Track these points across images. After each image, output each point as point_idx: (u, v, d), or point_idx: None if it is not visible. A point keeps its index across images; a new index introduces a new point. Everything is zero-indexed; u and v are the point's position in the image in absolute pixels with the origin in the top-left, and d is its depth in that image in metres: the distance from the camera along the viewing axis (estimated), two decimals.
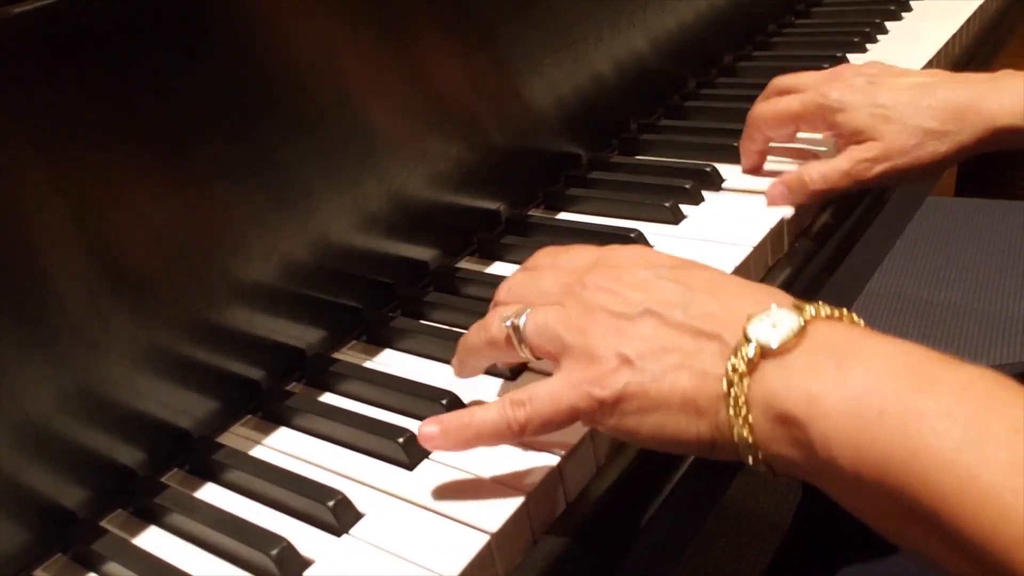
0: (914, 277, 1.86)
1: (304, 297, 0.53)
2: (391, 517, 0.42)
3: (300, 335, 0.54)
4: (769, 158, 0.68)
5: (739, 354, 0.36)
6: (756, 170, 0.67)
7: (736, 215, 0.62)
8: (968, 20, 0.92)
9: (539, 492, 0.42)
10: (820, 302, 0.38)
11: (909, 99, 0.59)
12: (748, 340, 0.36)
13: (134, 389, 0.46)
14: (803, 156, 0.68)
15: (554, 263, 0.46)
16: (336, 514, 0.42)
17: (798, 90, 0.64)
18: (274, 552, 0.40)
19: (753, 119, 0.66)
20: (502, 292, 0.46)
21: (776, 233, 0.60)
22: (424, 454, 0.45)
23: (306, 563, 0.40)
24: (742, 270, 0.56)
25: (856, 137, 0.60)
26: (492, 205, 0.66)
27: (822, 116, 0.62)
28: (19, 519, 0.42)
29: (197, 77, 0.46)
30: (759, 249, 0.58)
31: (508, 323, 0.42)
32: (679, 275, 0.41)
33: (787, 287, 0.59)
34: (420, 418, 0.48)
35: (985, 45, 0.95)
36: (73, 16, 0.41)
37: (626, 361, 0.38)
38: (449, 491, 0.43)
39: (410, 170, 0.59)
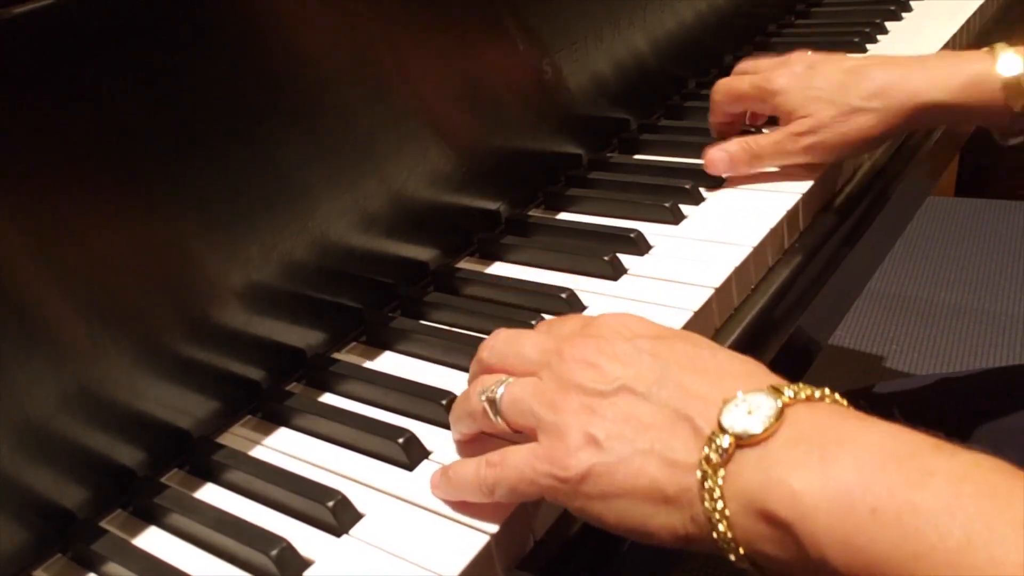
0: (914, 277, 1.86)
1: (304, 297, 0.53)
2: (391, 517, 0.42)
3: (300, 335, 0.54)
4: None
5: (712, 444, 0.34)
6: (721, 138, 0.70)
7: (736, 215, 0.62)
8: (969, 20, 0.92)
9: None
10: (800, 384, 0.36)
11: (840, 81, 0.62)
12: (723, 429, 0.34)
13: (134, 389, 0.46)
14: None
15: (541, 327, 0.46)
16: (336, 514, 0.42)
17: (754, 72, 0.68)
18: (274, 552, 0.40)
19: (712, 92, 0.70)
20: (484, 350, 0.44)
21: (776, 233, 0.60)
22: (424, 454, 0.45)
23: (306, 563, 0.40)
24: (742, 270, 0.56)
25: (792, 117, 0.64)
26: (492, 205, 0.66)
27: (764, 98, 0.66)
28: (19, 519, 0.42)
29: (197, 77, 0.46)
30: (759, 249, 0.58)
31: (483, 397, 0.41)
32: (659, 348, 0.39)
33: (788, 287, 0.59)
34: (420, 418, 0.48)
35: (986, 45, 0.95)
36: (73, 16, 0.41)
37: (593, 441, 0.37)
38: None
39: (410, 170, 0.59)
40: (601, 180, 0.71)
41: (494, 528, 0.40)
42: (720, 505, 0.34)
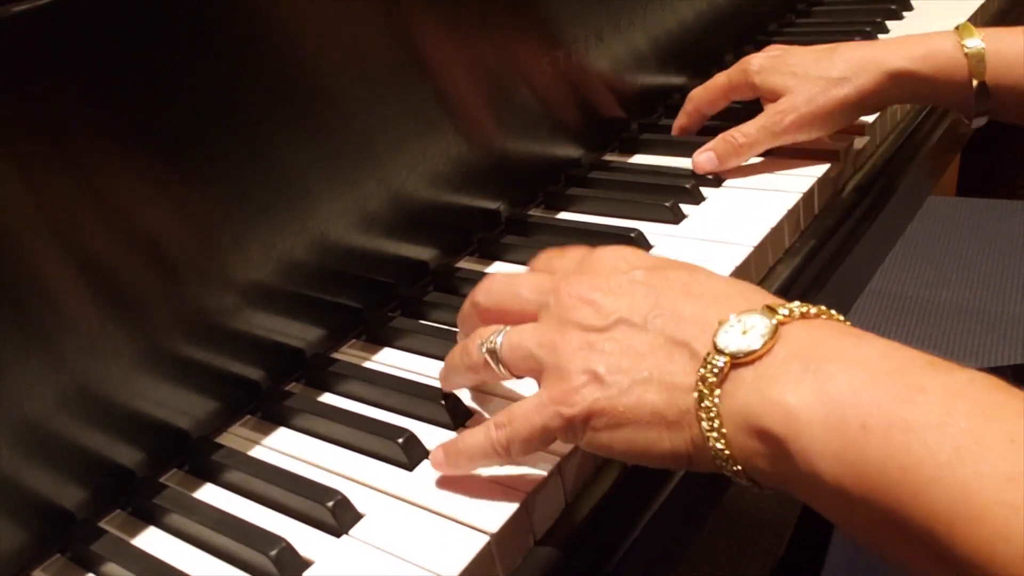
0: (915, 277, 1.86)
1: (304, 297, 0.53)
2: (391, 517, 0.42)
3: (300, 335, 0.54)
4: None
5: (708, 365, 0.35)
6: (680, 134, 0.75)
7: (737, 215, 0.62)
8: (969, 19, 0.92)
9: (539, 492, 0.42)
10: (796, 301, 0.36)
11: (815, 57, 0.66)
12: (717, 350, 0.35)
13: (133, 389, 0.46)
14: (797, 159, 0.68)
15: (538, 264, 0.46)
16: (336, 514, 0.42)
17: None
18: (273, 553, 0.40)
19: (689, 101, 0.74)
20: (480, 294, 0.45)
21: (777, 232, 0.60)
22: (424, 454, 0.45)
23: (306, 564, 0.40)
24: (742, 270, 0.56)
25: (773, 96, 0.67)
26: (492, 205, 0.66)
27: (745, 81, 0.69)
28: (18, 519, 0.42)
29: (197, 76, 0.46)
30: (759, 249, 0.58)
31: (484, 348, 0.42)
32: (653, 278, 0.40)
33: (788, 287, 0.59)
34: (420, 418, 0.48)
35: None
36: (73, 16, 0.41)
37: (595, 377, 0.38)
38: (449, 491, 0.43)
39: (410, 169, 0.59)
40: (601, 180, 0.71)
41: (494, 528, 0.40)
42: (717, 423, 0.34)
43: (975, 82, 0.62)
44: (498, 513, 0.40)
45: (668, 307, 0.38)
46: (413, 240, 0.60)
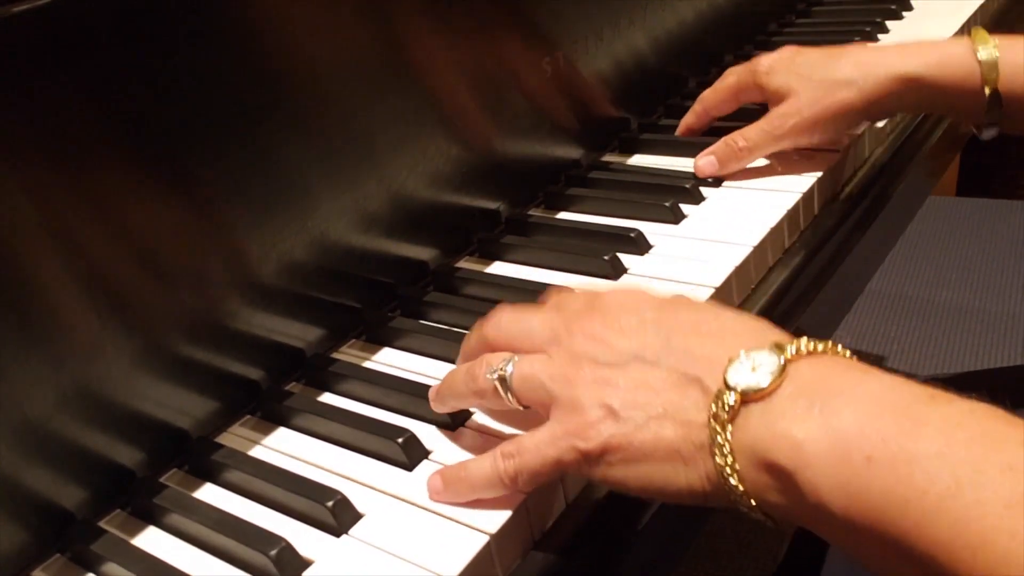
0: (915, 277, 1.86)
1: (304, 297, 0.53)
2: (391, 517, 0.42)
3: (299, 335, 0.54)
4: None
5: (719, 402, 0.35)
6: (686, 134, 0.75)
7: (736, 215, 0.62)
8: (969, 19, 0.92)
9: (539, 492, 0.42)
10: (803, 338, 0.37)
11: (821, 58, 0.65)
12: (728, 387, 0.35)
13: (133, 389, 0.46)
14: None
15: (548, 302, 0.46)
16: (335, 514, 0.42)
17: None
18: (273, 552, 0.40)
19: (699, 102, 0.73)
20: (490, 328, 0.45)
21: (777, 232, 0.60)
22: (424, 454, 0.45)
23: (305, 563, 0.40)
24: (742, 270, 0.56)
25: (778, 97, 0.66)
26: (492, 205, 0.66)
27: (754, 82, 0.68)
28: (18, 519, 0.42)
29: (196, 76, 0.46)
30: (759, 249, 0.58)
31: (494, 375, 0.42)
32: (663, 317, 0.40)
33: (787, 287, 0.59)
34: (420, 418, 0.48)
35: None
36: (73, 16, 0.41)
37: (610, 412, 0.38)
38: None
39: (410, 169, 0.59)
40: (601, 179, 0.71)
41: (494, 528, 0.40)
42: (730, 460, 0.35)
43: (987, 90, 0.60)
44: (498, 513, 0.40)
45: (679, 345, 0.39)
46: (413, 240, 0.60)
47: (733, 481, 0.35)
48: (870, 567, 0.33)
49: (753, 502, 0.35)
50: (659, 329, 0.40)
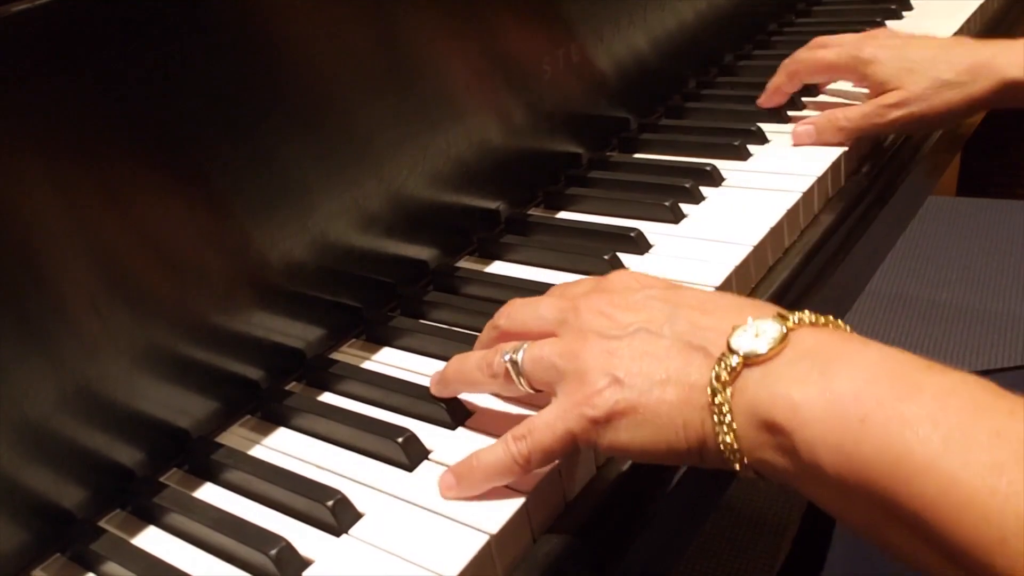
0: (915, 277, 1.86)
1: (303, 297, 0.53)
2: (391, 517, 0.42)
3: (299, 335, 0.54)
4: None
5: (722, 364, 0.37)
6: (776, 107, 0.76)
7: (736, 214, 0.62)
8: (969, 19, 0.92)
9: (539, 492, 0.42)
10: (806, 310, 0.38)
11: (932, 55, 0.66)
12: (731, 351, 0.37)
13: (133, 389, 0.46)
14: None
15: (553, 291, 0.48)
16: (336, 514, 0.42)
17: (837, 45, 0.72)
18: (273, 552, 0.40)
19: (793, 62, 0.74)
20: (502, 317, 0.46)
21: (777, 232, 0.60)
22: (424, 454, 0.45)
23: (305, 563, 0.40)
24: (742, 269, 0.56)
25: (882, 88, 0.67)
26: (492, 204, 0.66)
27: (854, 68, 0.70)
28: (18, 519, 0.42)
29: (196, 76, 0.46)
30: (759, 248, 0.58)
31: (507, 358, 0.43)
32: (669, 295, 0.42)
33: (787, 286, 0.59)
34: (420, 418, 0.48)
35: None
36: (73, 15, 0.41)
37: (616, 380, 0.39)
38: None
39: (410, 169, 0.59)
40: (601, 179, 0.71)
41: (494, 528, 0.40)
42: (728, 419, 0.36)
43: None
44: (498, 513, 0.40)
45: (684, 317, 0.40)
46: (413, 240, 0.60)
47: (729, 439, 0.36)
48: (859, 530, 0.35)
49: (746, 460, 0.37)
50: (664, 304, 0.41)
